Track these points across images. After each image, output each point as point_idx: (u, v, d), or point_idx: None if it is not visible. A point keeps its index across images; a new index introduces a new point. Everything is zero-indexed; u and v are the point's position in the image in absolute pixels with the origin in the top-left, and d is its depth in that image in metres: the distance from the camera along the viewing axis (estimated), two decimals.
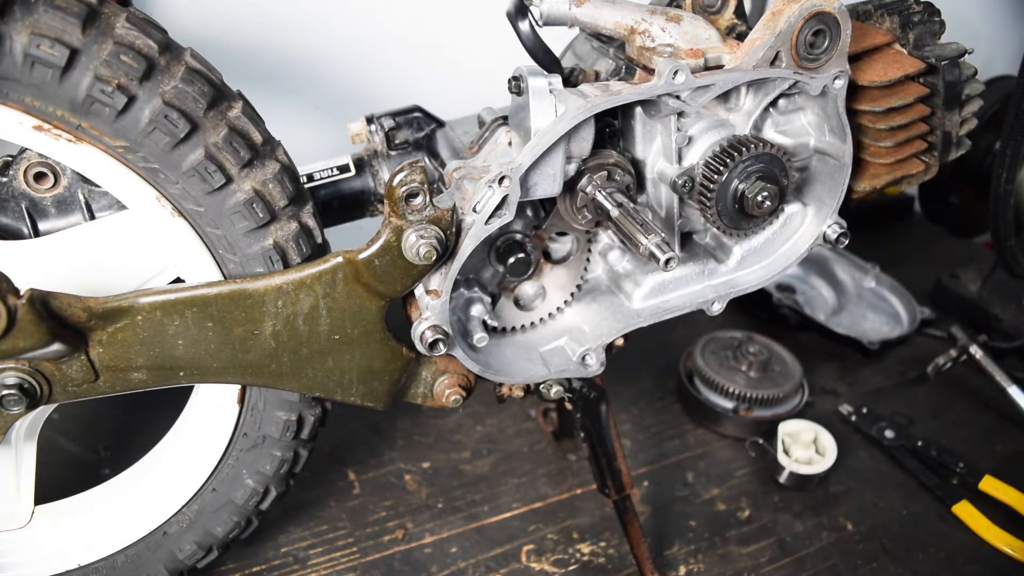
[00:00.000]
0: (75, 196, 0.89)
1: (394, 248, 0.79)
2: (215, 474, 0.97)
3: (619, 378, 1.49)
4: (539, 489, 1.25)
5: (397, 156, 1.02)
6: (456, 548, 1.14)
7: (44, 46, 0.69)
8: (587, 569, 1.12)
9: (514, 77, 0.83)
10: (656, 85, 0.80)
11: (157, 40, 0.74)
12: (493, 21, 0.99)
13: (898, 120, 0.92)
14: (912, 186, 1.05)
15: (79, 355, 0.77)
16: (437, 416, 1.39)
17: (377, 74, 1.56)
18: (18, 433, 0.91)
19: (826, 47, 0.84)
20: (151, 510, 0.98)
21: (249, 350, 0.82)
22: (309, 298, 0.81)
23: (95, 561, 0.97)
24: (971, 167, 1.61)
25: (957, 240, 1.91)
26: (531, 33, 0.87)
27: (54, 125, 0.74)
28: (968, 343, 1.42)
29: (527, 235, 0.92)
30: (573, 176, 0.85)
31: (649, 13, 0.87)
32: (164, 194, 0.80)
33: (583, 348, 0.94)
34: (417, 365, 0.91)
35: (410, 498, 1.23)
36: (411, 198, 0.76)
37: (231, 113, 0.79)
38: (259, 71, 1.48)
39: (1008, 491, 1.23)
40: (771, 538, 1.18)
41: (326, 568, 1.11)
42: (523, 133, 0.83)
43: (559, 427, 1.32)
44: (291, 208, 0.84)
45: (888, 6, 0.94)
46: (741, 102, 0.90)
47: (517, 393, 0.97)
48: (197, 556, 1.00)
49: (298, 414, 0.95)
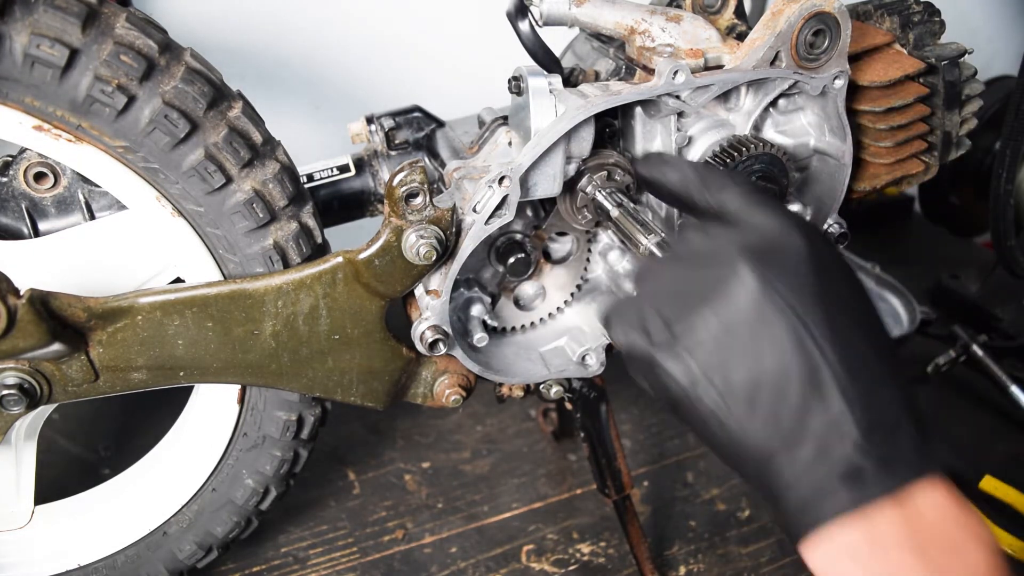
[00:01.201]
0: (75, 196, 0.89)
1: (394, 248, 0.79)
2: (215, 474, 0.97)
3: (619, 378, 1.48)
4: (539, 489, 1.25)
5: (397, 156, 1.02)
6: (456, 548, 1.14)
7: (44, 46, 0.69)
8: (587, 569, 1.12)
9: (514, 77, 0.83)
10: (656, 85, 0.80)
11: (157, 40, 0.74)
12: (493, 21, 0.99)
13: (898, 120, 0.92)
14: (912, 186, 1.05)
15: (79, 355, 0.77)
16: (437, 416, 1.38)
17: (377, 74, 1.56)
18: (18, 433, 0.91)
19: (826, 47, 0.84)
20: (151, 510, 0.98)
21: (249, 350, 0.82)
22: (309, 298, 0.81)
23: (95, 561, 0.97)
24: (971, 167, 1.61)
25: (957, 240, 1.91)
26: (531, 33, 0.87)
27: (54, 125, 0.74)
28: (968, 343, 1.42)
29: (527, 235, 0.92)
30: (573, 176, 0.85)
31: (649, 13, 0.87)
32: (164, 194, 0.80)
33: (583, 348, 0.94)
34: (417, 365, 0.91)
35: (410, 498, 1.23)
36: (411, 198, 0.76)
37: (231, 113, 0.79)
38: (259, 71, 1.48)
39: (1008, 491, 1.23)
40: (771, 538, 1.18)
41: (326, 568, 1.11)
42: (523, 133, 0.83)
43: (559, 427, 1.32)
44: (291, 208, 0.84)
45: (888, 6, 0.94)
46: (741, 102, 0.90)
47: (517, 393, 0.97)
48: (197, 556, 1.00)
49: (298, 414, 0.95)
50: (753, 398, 0.58)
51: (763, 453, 0.58)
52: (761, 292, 0.58)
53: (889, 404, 0.57)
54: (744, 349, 0.58)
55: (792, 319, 0.57)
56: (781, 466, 0.57)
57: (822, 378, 0.57)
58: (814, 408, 0.56)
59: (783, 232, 0.61)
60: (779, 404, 0.57)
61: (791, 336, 0.57)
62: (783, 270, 0.59)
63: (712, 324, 0.59)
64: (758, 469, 0.59)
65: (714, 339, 0.59)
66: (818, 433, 0.56)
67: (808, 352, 0.57)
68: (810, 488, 0.56)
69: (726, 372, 0.59)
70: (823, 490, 0.55)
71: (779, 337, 0.57)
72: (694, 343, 0.60)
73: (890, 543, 0.54)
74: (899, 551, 0.54)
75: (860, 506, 0.54)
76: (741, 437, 0.59)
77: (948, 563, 0.54)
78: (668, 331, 0.61)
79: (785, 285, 0.58)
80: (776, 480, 0.57)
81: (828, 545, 0.55)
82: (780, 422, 0.57)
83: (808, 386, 0.57)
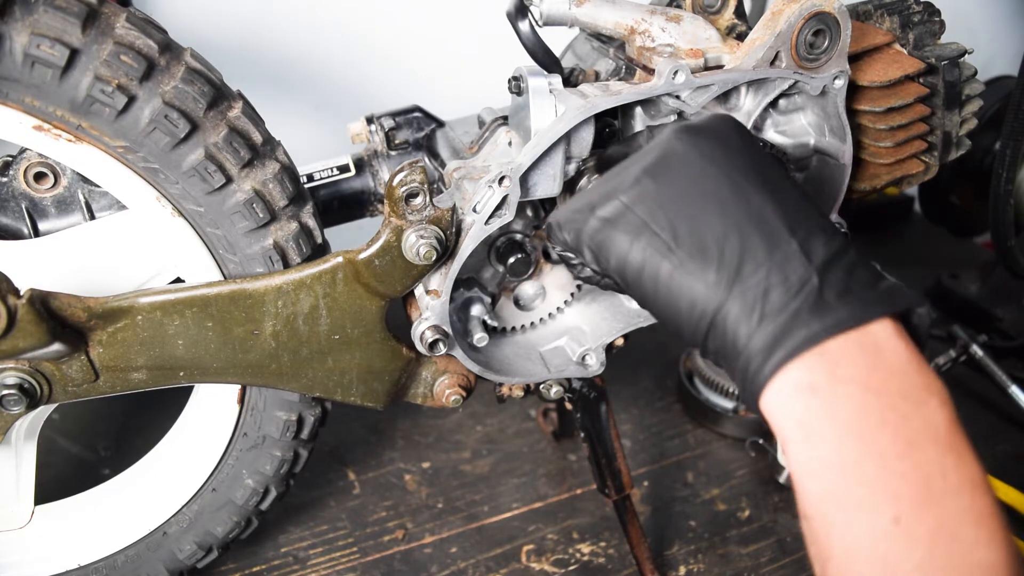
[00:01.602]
0: (75, 196, 0.89)
1: (394, 248, 0.79)
2: (215, 474, 0.97)
3: (619, 378, 1.49)
4: (539, 489, 1.25)
5: (397, 156, 1.02)
6: (456, 548, 1.14)
7: (44, 46, 0.69)
8: (587, 569, 1.12)
9: (514, 77, 0.83)
10: (656, 85, 0.80)
11: (157, 40, 0.74)
12: (493, 21, 0.99)
13: (898, 120, 0.92)
14: (912, 186, 1.05)
15: (79, 355, 0.77)
16: (437, 416, 1.39)
17: (377, 74, 1.56)
18: (18, 433, 0.91)
19: (826, 47, 0.84)
20: (151, 510, 0.98)
21: (249, 350, 0.82)
22: (309, 298, 0.81)
23: (95, 561, 0.97)
24: (971, 167, 1.61)
25: (957, 240, 1.91)
26: (531, 33, 0.87)
27: (54, 125, 0.74)
28: (968, 343, 1.42)
29: (527, 235, 0.92)
30: (573, 176, 0.85)
31: (649, 13, 0.87)
32: (164, 194, 0.80)
33: (583, 348, 0.94)
34: (417, 365, 0.91)
35: (410, 498, 1.23)
36: (411, 198, 0.76)
37: (231, 113, 0.79)
38: (259, 71, 1.48)
39: (1009, 491, 1.23)
40: (771, 538, 1.18)
41: (326, 568, 1.11)
42: (523, 133, 0.83)
43: (559, 427, 1.32)
44: (291, 208, 0.84)
45: (888, 6, 0.94)
46: (741, 102, 0.90)
47: (517, 393, 0.97)
48: (197, 556, 1.00)
49: (298, 414, 0.95)
50: (701, 246, 0.58)
51: (716, 302, 0.57)
52: (694, 149, 0.62)
53: (840, 248, 0.57)
54: (685, 200, 0.59)
55: (726, 170, 0.60)
56: (735, 313, 0.56)
57: (767, 219, 0.57)
58: (764, 247, 0.56)
59: (712, 116, 0.67)
60: (727, 247, 0.57)
61: (728, 184, 0.59)
62: (714, 136, 0.63)
63: (649, 183, 0.61)
64: (713, 326, 0.57)
65: (655, 193, 0.61)
66: (771, 272, 0.55)
67: (749, 198, 0.58)
68: (767, 330, 0.55)
69: (672, 222, 0.59)
70: (781, 329, 0.54)
71: (716, 187, 0.59)
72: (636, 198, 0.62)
73: (850, 379, 0.53)
74: (859, 389, 0.53)
75: (820, 341, 0.53)
76: (691, 289, 0.58)
77: (907, 410, 0.53)
78: (615, 200, 0.63)
79: (715, 146, 0.62)
80: (732, 333, 0.56)
81: (786, 384, 0.54)
82: (729, 265, 0.56)
83: (755, 227, 0.57)
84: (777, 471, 1.26)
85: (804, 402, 0.54)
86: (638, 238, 0.61)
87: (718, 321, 0.57)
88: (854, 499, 0.53)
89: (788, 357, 0.54)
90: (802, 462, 0.55)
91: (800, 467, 0.55)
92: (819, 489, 0.54)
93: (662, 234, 0.60)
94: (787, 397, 0.55)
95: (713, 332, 0.58)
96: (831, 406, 0.53)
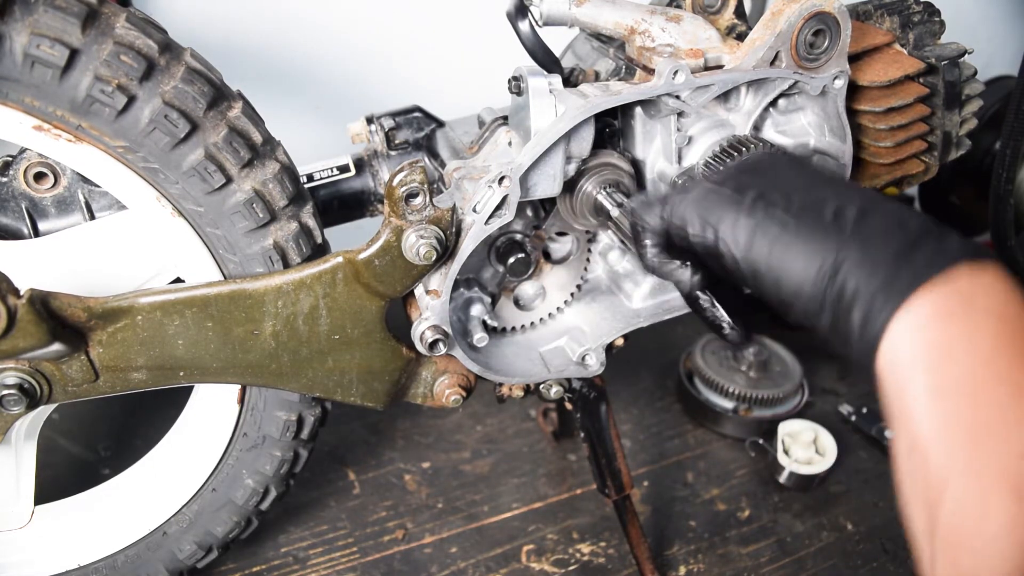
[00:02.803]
0: (75, 196, 0.89)
1: (394, 248, 0.79)
2: (215, 474, 0.97)
3: (619, 378, 1.49)
4: (539, 489, 1.25)
5: (397, 156, 1.02)
6: (456, 548, 1.14)
7: (44, 46, 0.69)
8: (587, 569, 1.12)
9: (514, 77, 0.83)
10: (656, 85, 0.80)
11: (157, 40, 0.74)
12: (493, 21, 0.99)
13: (898, 120, 0.92)
14: (912, 186, 1.05)
15: (79, 355, 0.77)
16: (437, 416, 1.39)
17: (377, 74, 1.56)
18: (18, 433, 0.91)
19: (826, 47, 0.84)
20: (151, 510, 0.98)
21: (249, 350, 0.82)
22: (309, 298, 0.81)
23: (95, 561, 0.97)
24: (971, 167, 1.61)
25: None
26: (531, 33, 0.87)
27: (54, 125, 0.74)
28: None
29: (527, 235, 0.92)
30: (573, 176, 0.85)
31: (649, 13, 0.87)
32: (164, 194, 0.80)
33: (583, 348, 0.94)
34: (417, 365, 0.91)
35: (410, 498, 1.23)
36: (411, 198, 0.76)
37: (231, 113, 0.79)
38: (259, 71, 1.48)
39: None
40: (771, 538, 1.18)
41: (326, 568, 1.11)
42: (523, 133, 0.83)
43: (559, 427, 1.32)
44: (291, 208, 0.84)
45: (888, 6, 0.94)
46: (741, 102, 0.90)
47: (517, 393, 0.97)
48: (197, 556, 1.00)
49: (298, 414, 0.95)
50: (815, 204, 0.61)
51: (835, 249, 0.59)
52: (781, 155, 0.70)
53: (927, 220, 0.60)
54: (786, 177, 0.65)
55: (813, 166, 0.67)
56: (856, 257, 0.58)
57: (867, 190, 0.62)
58: (871, 210, 0.60)
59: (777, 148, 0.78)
60: (839, 204, 0.60)
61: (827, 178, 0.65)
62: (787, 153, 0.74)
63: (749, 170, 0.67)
64: (834, 275, 0.59)
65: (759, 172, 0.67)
66: (887, 219, 0.59)
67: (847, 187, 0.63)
68: (891, 267, 0.56)
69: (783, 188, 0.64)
70: (908, 262, 0.56)
71: (813, 170, 0.66)
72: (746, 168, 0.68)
73: (986, 309, 0.54)
74: (997, 320, 0.54)
75: (950, 271, 0.54)
76: (808, 243, 0.60)
77: None
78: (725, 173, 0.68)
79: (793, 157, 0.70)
80: (854, 277, 0.58)
81: (920, 313, 0.55)
82: (846, 217, 0.60)
83: (859, 194, 0.61)
84: (777, 471, 1.26)
85: (942, 325, 0.54)
86: (752, 205, 0.63)
87: (840, 267, 0.58)
88: (984, 423, 0.52)
89: (918, 284, 0.55)
90: (931, 386, 0.54)
91: (925, 393, 0.54)
92: (947, 411, 0.54)
93: (773, 195, 0.63)
94: (922, 321, 0.55)
95: (832, 283, 0.59)
96: (970, 331, 0.54)
